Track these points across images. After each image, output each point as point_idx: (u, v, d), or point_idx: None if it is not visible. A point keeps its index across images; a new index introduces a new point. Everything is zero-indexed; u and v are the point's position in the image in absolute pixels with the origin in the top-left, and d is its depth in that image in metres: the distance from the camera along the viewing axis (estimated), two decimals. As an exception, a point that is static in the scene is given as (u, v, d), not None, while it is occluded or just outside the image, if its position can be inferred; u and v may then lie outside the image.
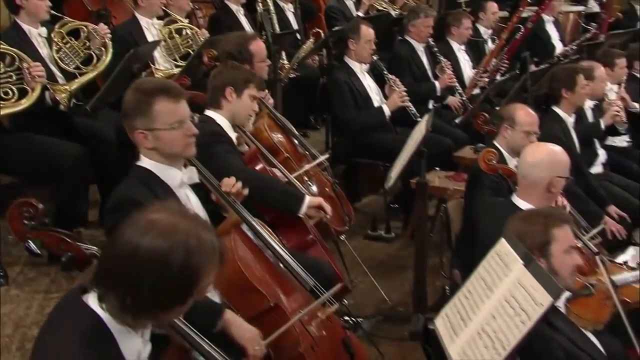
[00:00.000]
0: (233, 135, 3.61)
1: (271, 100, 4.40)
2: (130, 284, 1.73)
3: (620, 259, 4.21)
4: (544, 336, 2.45)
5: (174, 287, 1.75)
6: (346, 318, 3.80)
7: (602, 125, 5.11)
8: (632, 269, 3.83)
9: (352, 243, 4.68)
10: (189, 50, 4.93)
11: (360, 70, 5.31)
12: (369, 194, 5.78)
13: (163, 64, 4.92)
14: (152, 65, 4.70)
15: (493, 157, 3.60)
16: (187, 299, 1.80)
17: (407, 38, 5.85)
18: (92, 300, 1.79)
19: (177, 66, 4.87)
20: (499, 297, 2.36)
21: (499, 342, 2.24)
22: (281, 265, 2.78)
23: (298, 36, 6.49)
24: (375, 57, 5.34)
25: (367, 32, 5.23)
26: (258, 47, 4.19)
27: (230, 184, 2.79)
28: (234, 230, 2.70)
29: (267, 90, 4.38)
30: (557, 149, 3.34)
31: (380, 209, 5.40)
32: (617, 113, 5.10)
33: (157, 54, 4.87)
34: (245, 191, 2.83)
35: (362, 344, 3.05)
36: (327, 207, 3.57)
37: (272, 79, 4.94)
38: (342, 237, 4.16)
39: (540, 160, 3.24)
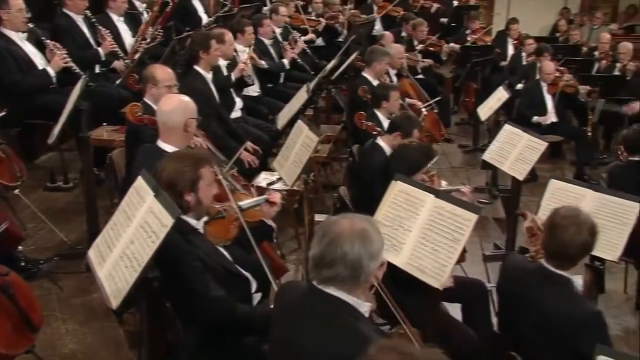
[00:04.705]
0: None
1: None
2: None
3: (256, 181, 4.43)
4: (184, 252, 2.41)
5: None
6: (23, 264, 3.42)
7: (233, 78, 5.19)
8: (259, 187, 4.04)
9: (32, 196, 4.20)
10: None
11: (19, 38, 4.64)
12: (47, 151, 5.21)
13: None
14: None
15: (138, 110, 3.46)
16: None
17: (66, 10, 5.26)
18: None
19: None
20: (136, 225, 2.27)
21: (136, 261, 2.16)
22: None
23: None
24: (31, 25, 4.70)
25: (16, 2, 4.58)
26: None
27: None
28: None
29: None
30: (184, 97, 3.26)
31: (59, 163, 4.90)
32: (242, 68, 5.22)
33: None
34: None
35: (25, 283, 2.71)
36: None
37: None
38: (16, 192, 3.70)
39: (174, 108, 3.15)
